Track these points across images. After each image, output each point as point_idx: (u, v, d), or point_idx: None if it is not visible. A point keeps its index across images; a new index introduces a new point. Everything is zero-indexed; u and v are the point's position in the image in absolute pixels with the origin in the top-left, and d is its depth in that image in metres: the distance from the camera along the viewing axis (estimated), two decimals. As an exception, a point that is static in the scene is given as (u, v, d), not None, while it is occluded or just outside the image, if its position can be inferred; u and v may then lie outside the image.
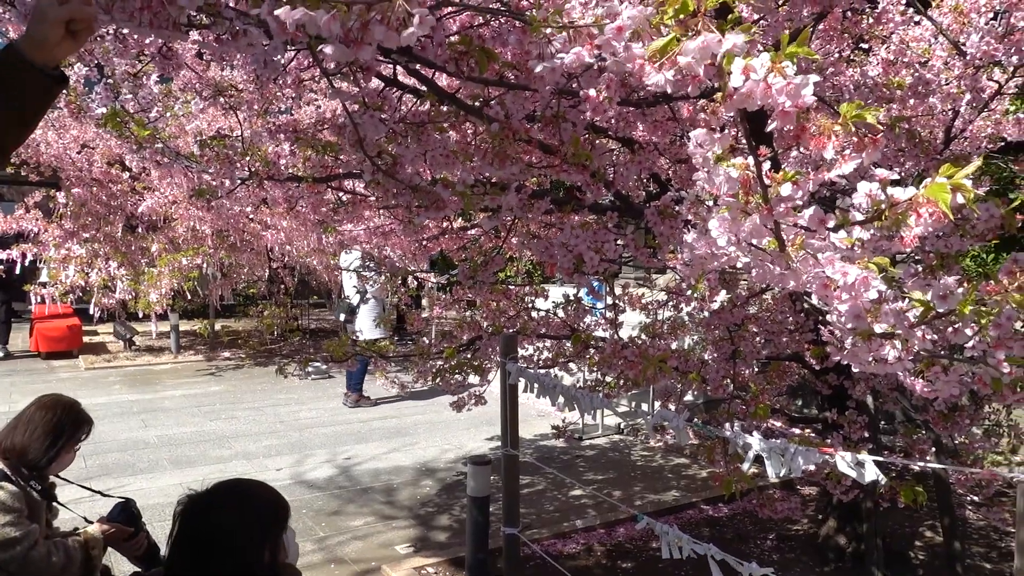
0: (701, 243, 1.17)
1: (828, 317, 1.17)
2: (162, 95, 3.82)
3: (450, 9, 1.79)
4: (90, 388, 7.82)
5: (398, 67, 2.14)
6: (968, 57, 2.31)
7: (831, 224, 0.92)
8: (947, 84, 2.54)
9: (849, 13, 2.42)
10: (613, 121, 2.10)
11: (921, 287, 1.34)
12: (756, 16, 1.99)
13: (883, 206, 0.88)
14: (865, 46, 2.94)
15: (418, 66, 1.83)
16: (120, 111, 2.94)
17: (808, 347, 2.73)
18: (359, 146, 1.89)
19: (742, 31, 0.79)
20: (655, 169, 2.67)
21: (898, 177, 0.92)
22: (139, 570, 2.26)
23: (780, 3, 1.94)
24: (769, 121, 0.82)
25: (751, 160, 0.93)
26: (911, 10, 2.64)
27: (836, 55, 2.85)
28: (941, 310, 0.97)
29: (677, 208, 2.09)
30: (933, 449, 2.81)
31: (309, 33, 1.00)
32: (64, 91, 4.16)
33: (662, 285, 4.40)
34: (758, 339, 2.68)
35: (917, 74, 2.48)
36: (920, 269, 1.77)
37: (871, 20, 2.44)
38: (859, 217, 0.94)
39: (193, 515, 1.47)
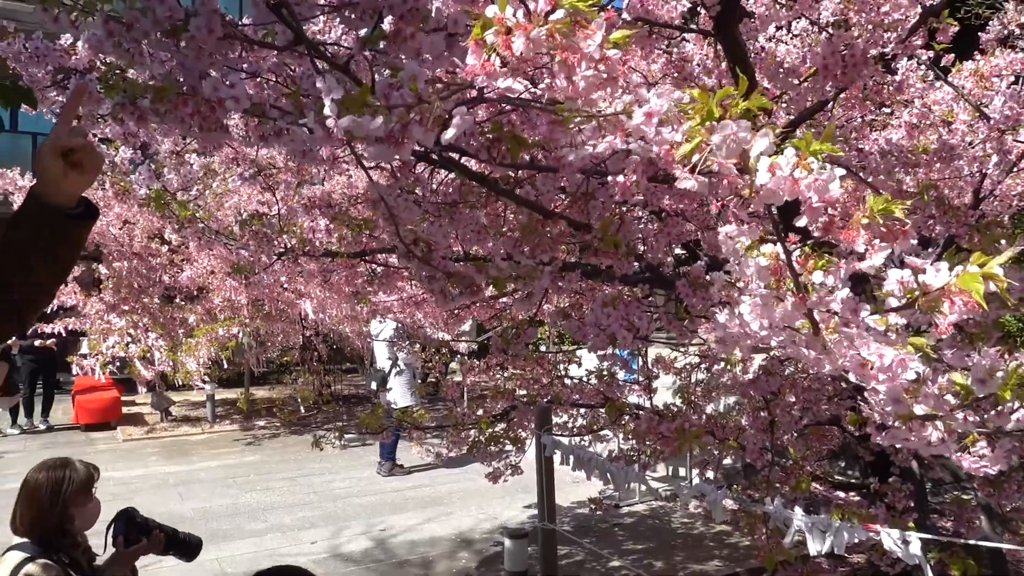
0: (734, 324, 1.18)
1: (866, 396, 1.17)
2: (202, 172, 3.98)
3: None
4: (128, 460, 7.90)
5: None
6: (992, 122, 2.32)
7: (864, 314, 0.93)
8: (973, 147, 2.55)
9: (870, 83, 2.46)
10: (641, 196, 2.14)
11: (961, 360, 1.33)
12: (779, 91, 2.03)
13: (916, 293, 0.89)
14: (888, 109, 2.97)
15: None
16: (163, 192, 3.07)
17: (847, 413, 2.68)
18: (393, 224, 1.95)
19: (769, 129, 0.82)
20: (684, 238, 2.69)
21: (928, 265, 0.92)
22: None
23: (801, 80, 1.99)
24: (798, 216, 0.85)
25: (780, 248, 0.95)
26: (931, 74, 2.68)
27: (859, 120, 2.89)
28: (981, 395, 0.96)
29: (708, 277, 2.10)
30: (983, 517, 2.72)
31: (354, 136, 1.05)
32: (108, 174, 4.33)
33: (695, 350, 4.37)
34: (795, 408, 2.64)
35: (941, 139, 2.49)
36: (960, 338, 1.76)
37: (892, 88, 2.48)
38: (892, 302, 0.95)
39: None
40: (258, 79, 1.61)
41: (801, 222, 0.84)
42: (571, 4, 0.87)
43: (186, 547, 2.40)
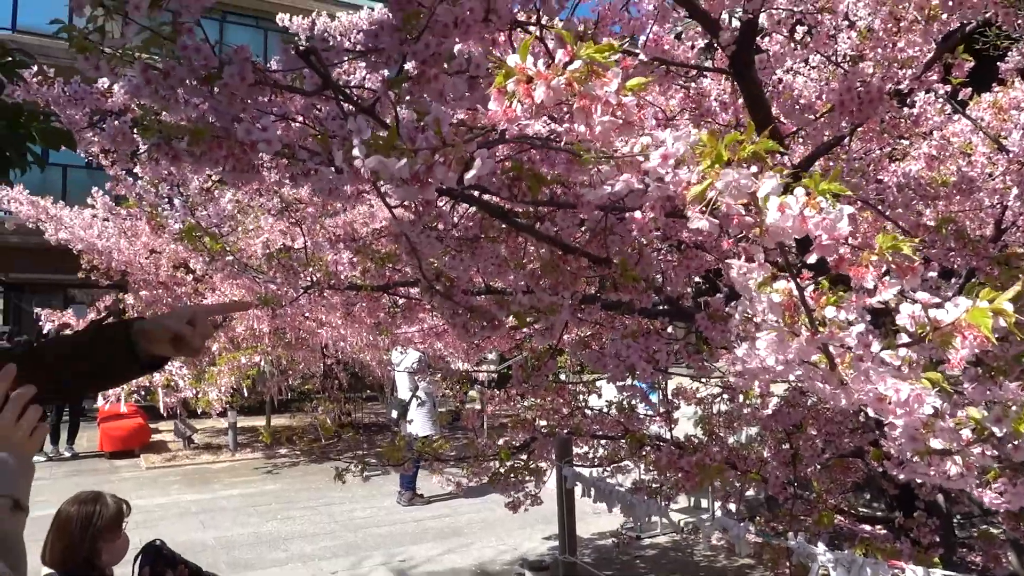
0: (752, 359, 1.20)
1: (886, 429, 1.18)
2: (236, 211, 4.07)
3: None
4: (150, 488, 7.96)
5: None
6: (1011, 155, 2.33)
7: (876, 348, 0.95)
8: (993, 179, 2.55)
9: (887, 117, 2.48)
10: (659, 231, 2.17)
11: (982, 394, 1.33)
12: (796, 127, 2.06)
13: (927, 329, 0.91)
14: (906, 141, 2.98)
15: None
16: (196, 226, 3.15)
17: (868, 448, 2.66)
18: (416, 259, 1.99)
19: (776, 171, 0.85)
20: (704, 269, 2.71)
21: (948, 297, 0.94)
22: None
23: (818, 116, 2.02)
24: (808, 253, 0.87)
25: (793, 285, 0.97)
26: (948, 107, 2.69)
27: (877, 151, 2.90)
28: (997, 432, 0.97)
29: (727, 310, 2.12)
30: (1011, 553, 2.67)
31: (381, 178, 1.10)
32: (146, 208, 4.47)
33: (716, 379, 4.35)
34: (817, 441, 2.62)
35: (961, 171, 2.50)
36: (981, 372, 1.75)
37: (909, 122, 2.50)
38: (904, 337, 0.96)
39: None
40: (286, 121, 1.67)
41: (811, 259, 0.86)
42: (588, 55, 0.91)
43: None
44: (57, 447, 9.69)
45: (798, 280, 0.96)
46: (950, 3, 1.84)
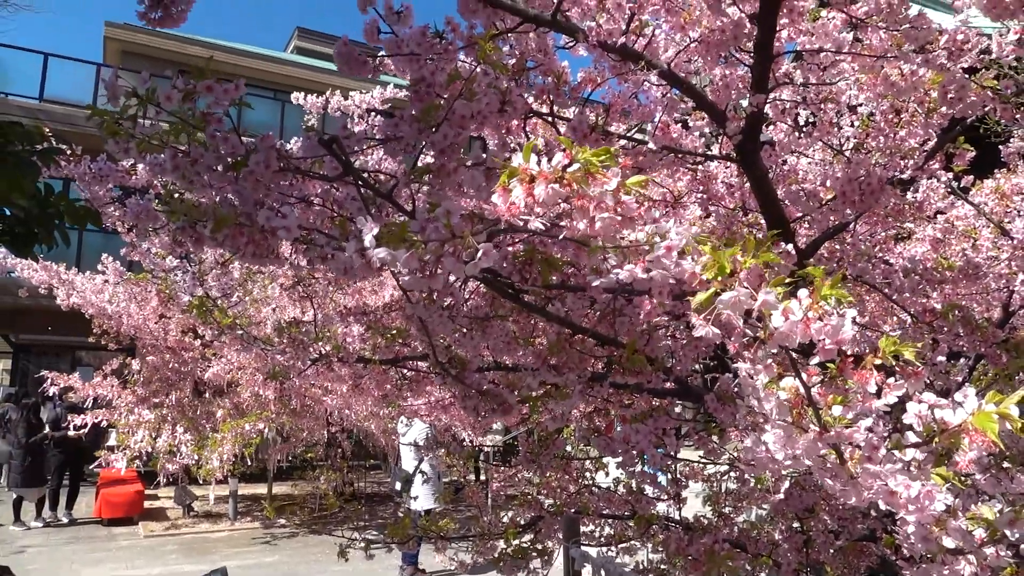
0: (761, 450, 1.20)
1: (897, 525, 1.17)
2: (242, 280, 4.13)
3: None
4: (148, 558, 7.80)
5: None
6: (1015, 241, 2.36)
7: (883, 451, 0.95)
8: (999, 263, 2.58)
9: (890, 204, 2.53)
10: (668, 312, 2.19)
11: (994, 486, 1.32)
12: (800, 213, 2.11)
13: (934, 429, 0.92)
14: (910, 224, 3.03)
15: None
16: (205, 299, 3.19)
17: (882, 533, 2.61)
18: (428, 338, 2.01)
19: (776, 284, 0.87)
20: (712, 347, 2.72)
21: (946, 402, 0.95)
22: None
23: (822, 204, 2.06)
24: (812, 355, 0.89)
25: (799, 383, 0.98)
26: (951, 195, 2.74)
27: (882, 233, 2.94)
28: (1010, 536, 0.96)
29: (736, 390, 2.12)
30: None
31: (390, 269, 1.14)
32: (157, 278, 4.56)
33: (724, 456, 4.28)
34: (830, 524, 2.58)
35: (966, 256, 2.53)
36: (992, 462, 1.74)
37: (913, 208, 2.55)
38: (912, 436, 0.97)
39: None
40: (305, 203, 1.72)
41: (815, 361, 0.88)
42: (585, 159, 0.95)
43: None
44: (55, 512, 9.55)
45: (803, 378, 0.98)
46: (949, 97, 1.90)
